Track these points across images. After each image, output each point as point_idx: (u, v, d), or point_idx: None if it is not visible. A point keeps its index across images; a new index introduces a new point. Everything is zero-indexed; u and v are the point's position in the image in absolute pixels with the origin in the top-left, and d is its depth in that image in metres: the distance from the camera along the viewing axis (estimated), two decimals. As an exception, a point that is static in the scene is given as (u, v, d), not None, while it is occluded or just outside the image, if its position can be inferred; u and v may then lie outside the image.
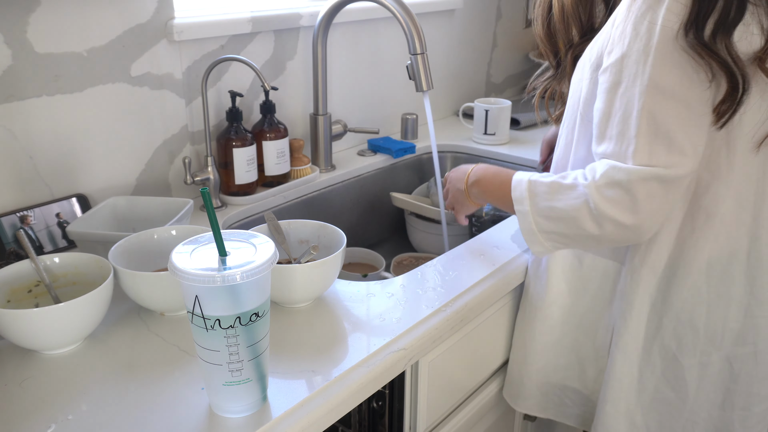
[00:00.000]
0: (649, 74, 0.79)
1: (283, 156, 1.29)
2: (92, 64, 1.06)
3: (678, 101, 0.79)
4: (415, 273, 1.00)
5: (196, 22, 1.17)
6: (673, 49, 0.78)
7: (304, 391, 0.74)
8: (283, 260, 0.96)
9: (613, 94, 0.83)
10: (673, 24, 0.78)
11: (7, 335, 0.77)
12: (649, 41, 0.79)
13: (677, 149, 0.80)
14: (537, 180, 0.92)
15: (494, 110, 1.60)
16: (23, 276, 0.85)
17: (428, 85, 1.23)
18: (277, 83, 1.35)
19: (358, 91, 1.56)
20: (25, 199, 1.02)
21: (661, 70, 0.79)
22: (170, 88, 1.17)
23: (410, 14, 1.20)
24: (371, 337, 0.84)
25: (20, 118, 0.99)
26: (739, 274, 0.90)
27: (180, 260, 0.64)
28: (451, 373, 0.98)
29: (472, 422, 1.08)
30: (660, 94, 0.79)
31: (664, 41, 0.78)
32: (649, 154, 0.80)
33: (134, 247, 0.91)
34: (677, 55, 0.78)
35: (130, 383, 0.75)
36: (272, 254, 0.66)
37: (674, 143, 0.80)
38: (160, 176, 1.20)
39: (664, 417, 0.98)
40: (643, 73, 0.80)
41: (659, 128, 0.80)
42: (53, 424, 0.68)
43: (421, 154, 1.61)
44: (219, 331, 0.64)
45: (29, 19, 0.97)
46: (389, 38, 1.57)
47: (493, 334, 1.07)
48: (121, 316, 0.88)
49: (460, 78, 1.86)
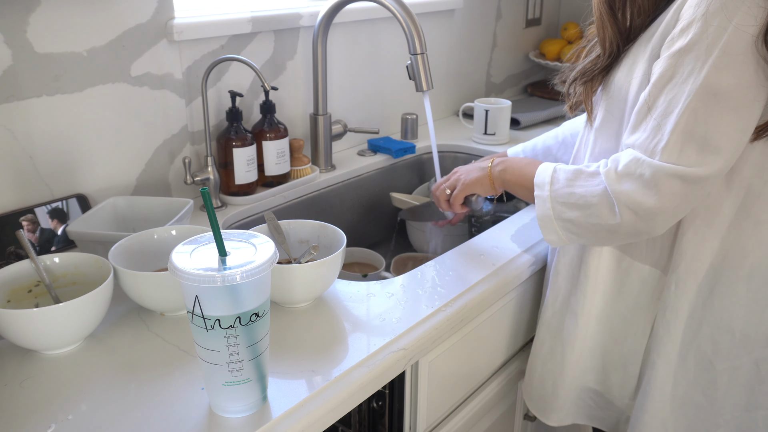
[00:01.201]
0: (706, 74, 0.76)
1: (283, 156, 1.29)
2: (92, 64, 1.06)
3: (728, 105, 0.77)
4: (415, 273, 1.00)
5: (196, 22, 1.17)
6: (742, 52, 0.75)
7: (304, 391, 0.74)
8: (283, 260, 0.96)
9: (661, 87, 0.80)
10: (748, 27, 0.74)
11: (7, 335, 0.77)
12: (716, 40, 0.75)
13: (711, 151, 0.78)
14: (562, 167, 0.92)
15: (494, 110, 1.60)
16: (23, 276, 0.85)
17: (428, 85, 1.23)
18: (277, 83, 1.35)
19: (358, 91, 1.56)
20: (25, 199, 1.02)
21: (721, 73, 0.76)
22: (170, 88, 1.17)
23: (410, 14, 1.20)
24: (371, 337, 0.84)
25: (20, 118, 0.99)
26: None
27: (180, 260, 0.64)
28: (451, 373, 0.98)
29: (472, 422, 1.08)
30: (712, 95, 0.77)
31: (733, 43, 0.75)
32: (679, 152, 0.79)
33: (134, 247, 0.91)
34: (743, 59, 0.75)
35: (130, 383, 0.75)
36: (272, 254, 0.66)
37: (709, 145, 0.78)
38: (160, 176, 1.20)
39: (690, 420, 0.96)
40: (699, 72, 0.77)
41: (698, 128, 0.78)
42: (53, 424, 0.68)
43: (421, 154, 1.61)
44: (219, 331, 0.64)
45: (29, 19, 0.97)
46: (389, 38, 1.57)
47: (493, 334, 1.07)
48: (121, 316, 0.88)
49: (460, 78, 1.86)
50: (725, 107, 0.77)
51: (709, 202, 0.87)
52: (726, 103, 0.77)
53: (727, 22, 0.75)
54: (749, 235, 0.86)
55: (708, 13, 0.76)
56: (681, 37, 0.79)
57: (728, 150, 0.78)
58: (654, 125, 0.81)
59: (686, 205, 0.82)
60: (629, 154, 0.83)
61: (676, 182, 0.79)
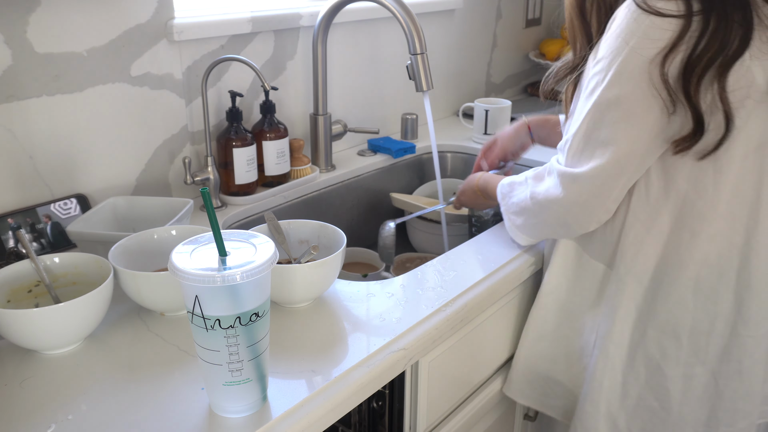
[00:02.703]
0: (603, 88, 0.84)
1: (283, 156, 1.29)
2: (92, 64, 1.06)
3: (618, 114, 0.84)
4: (415, 273, 1.00)
5: (196, 22, 1.17)
6: (636, 72, 0.81)
7: (304, 391, 0.74)
8: (283, 260, 0.96)
9: (579, 99, 0.90)
10: (644, 49, 0.80)
11: (7, 335, 0.77)
12: (615, 58, 0.82)
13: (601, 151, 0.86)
14: (503, 182, 1.06)
15: (494, 110, 1.60)
16: (23, 276, 0.85)
17: (428, 85, 1.23)
18: (277, 83, 1.35)
19: (358, 91, 1.56)
20: (25, 199, 1.02)
21: (614, 87, 0.83)
22: (170, 88, 1.17)
23: (410, 14, 1.20)
24: (371, 337, 0.84)
25: (20, 118, 0.99)
26: (727, 292, 0.91)
27: (180, 260, 0.64)
28: (451, 373, 0.98)
29: (472, 422, 1.08)
30: (605, 106, 0.85)
31: (627, 62, 0.81)
32: (575, 153, 0.89)
33: (134, 247, 0.91)
34: (636, 77, 0.81)
35: (130, 383, 0.75)
36: (272, 254, 0.66)
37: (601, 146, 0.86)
38: (160, 176, 1.20)
39: (647, 425, 0.98)
40: (599, 86, 0.85)
41: (593, 133, 0.87)
42: (53, 424, 0.68)
43: (421, 154, 1.61)
44: (219, 331, 0.64)
45: (29, 19, 0.97)
46: (389, 38, 1.57)
47: (493, 334, 1.07)
48: (121, 316, 0.88)
49: (460, 78, 1.86)
50: (616, 116, 0.84)
51: (650, 208, 0.91)
52: (616, 112, 0.84)
53: (625, 43, 0.81)
54: (686, 246, 0.90)
55: (616, 32, 0.83)
56: (600, 51, 0.86)
57: (617, 150, 0.85)
58: (568, 129, 0.92)
59: (594, 198, 0.89)
60: (553, 158, 0.95)
61: (573, 181, 0.89)
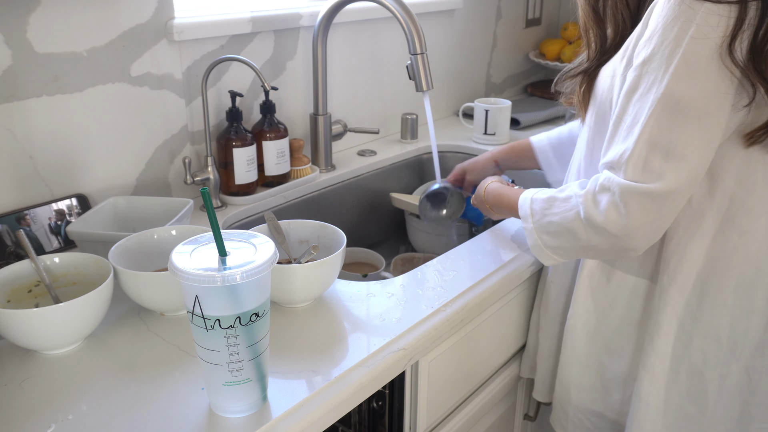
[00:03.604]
0: (667, 84, 0.76)
1: (283, 156, 1.29)
2: (92, 64, 1.06)
3: (690, 114, 0.77)
4: (415, 273, 1.00)
5: (196, 22, 1.17)
6: (703, 61, 0.75)
7: (304, 391, 0.74)
8: (283, 260, 0.96)
9: (628, 98, 0.81)
10: (706, 35, 0.74)
11: (7, 335, 0.77)
12: (675, 49, 0.76)
13: (675, 160, 0.78)
14: (536, 197, 0.94)
15: (494, 110, 1.60)
16: (23, 276, 0.85)
17: (428, 85, 1.23)
18: (277, 83, 1.35)
19: (358, 91, 1.56)
20: (25, 199, 1.02)
21: (681, 82, 0.76)
22: (170, 88, 1.17)
23: (410, 14, 1.20)
24: (371, 337, 0.84)
25: (20, 118, 0.99)
26: (763, 286, 0.87)
27: (180, 260, 0.64)
28: (451, 373, 0.98)
29: (472, 422, 1.08)
30: (674, 105, 0.77)
31: (692, 51, 0.75)
32: (644, 164, 0.79)
33: (134, 247, 0.91)
34: (704, 68, 0.75)
35: (130, 383, 0.75)
36: (272, 254, 0.66)
37: (673, 154, 0.78)
38: (160, 176, 1.20)
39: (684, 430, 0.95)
40: (660, 82, 0.77)
41: (661, 138, 0.78)
42: (53, 424, 0.68)
43: (421, 154, 1.61)
44: (219, 331, 0.64)
45: (29, 19, 0.97)
46: (389, 38, 1.57)
47: (493, 334, 1.07)
48: (121, 316, 0.88)
49: (460, 78, 1.86)
50: (688, 116, 0.77)
51: (692, 212, 0.86)
52: (688, 112, 0.76)
53: (684, 32, 0.75)
54: (734, 245, 0.86)
55: (667, 23, 0.76)
56: (645, 47, 0.79)
57: (693, 159, 0.78)
58: (623, 136, 0.81)
59: (660, 219, 0.81)
60: (603, 175, 0.83)
61: (644, 200, 0.79)
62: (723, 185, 0.85)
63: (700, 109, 0.76)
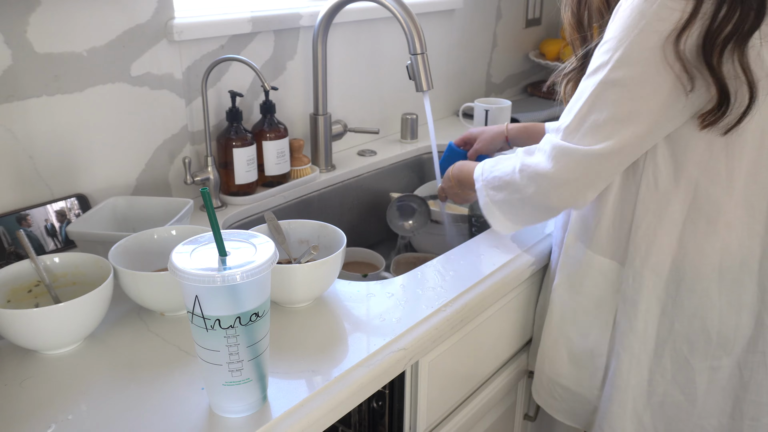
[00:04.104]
0: (610, 67, 0.82)
1: (283, 156, 1.29)
2: (92, 64, 1.06)
3: (624, 95, 0.83)
4: (415, 273, 1.00)
5: (196, 22, 1.17)
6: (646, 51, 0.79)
7: (304, 391, 0.74)
8: (283, 260, 0.96)
9: (584, 80, 0.88)
10: (656, 29, 0.78)
11: (7, 335, 0.77)
12: (625, 37, 0.81)
13: (603, 133, 0.85)
14: (488, 160, 1.04)
15: (494, 110, 1.60)
16: (23, 276, 0.85)
17: (428, 85, 1.23)
18: (277, 83, 1.35)
19: (358, 91, 1.56)
20: (25, 199, 1.02)
21: (621, 67, 0.82)
22: (170, 88, 1.17)
23: (410, 14, 1.20)
24: (371, 337, 0.84)
25: (20, 118, 0.99)
26: (750, 282, 0.89)
27: (180, 260, 0.64)
28: (451, 373, 0.98)
29: (472, 422, 1.08)
30: (610, 86, 0.83)
31: (637, 42, 0.80)
32: (574, 131, 0.87)
33: (134, 247, 0.91)
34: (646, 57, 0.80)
35: (130, 383, 0.75)
36: (272, 254, 0.66)
37: (602, 127, 0.85)
38: (160, 176, 1.20)
39: (672, 420, 0.97)
40: (606, 65, 0.83)
41: (593, 113, 0.85)
42: (53, 424, 0.68)
43: (421, 154, 1.61)
44: (219, 331, 0.64)
45: (29, 19, 0.97)
46: (389, 38, 1.57)
47: (493, 334, 1.07)
48: (121, 316, 0.88)
49: (460, 78, 1.86)
50: (620, 97, 0.83)
51: (659, 197, 0.90)
52: (620, 93, 0.83)
53: (634, 25, 0.80)
54: (704, 234, 0.89)
55: (624, 13, 0.82)
56: (604, 36, 0.85)
57: (622, 134, 0.84)
58: (568, 110, 0.89)
59: (585, 178, 0.88)
60: (544, 138, 0.92)
61: (569, 158, 0.87)
62: (687, 173, 0.88)
63: (635, 91, 0.82)
